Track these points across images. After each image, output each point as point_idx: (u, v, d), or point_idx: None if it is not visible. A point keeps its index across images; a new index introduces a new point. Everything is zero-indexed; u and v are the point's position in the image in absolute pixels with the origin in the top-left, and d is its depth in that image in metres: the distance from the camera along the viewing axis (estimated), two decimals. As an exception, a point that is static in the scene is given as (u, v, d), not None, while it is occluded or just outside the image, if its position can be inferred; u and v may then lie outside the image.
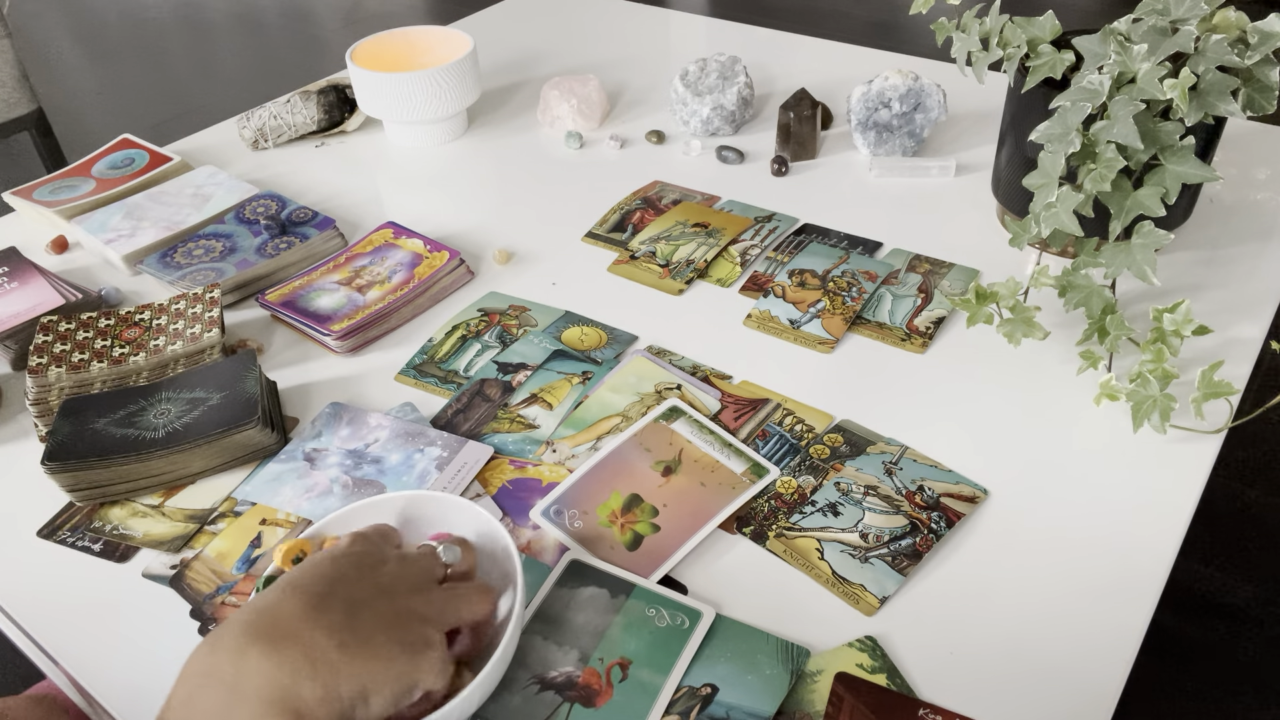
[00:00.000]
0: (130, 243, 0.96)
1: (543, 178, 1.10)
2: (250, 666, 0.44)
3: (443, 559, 0.54)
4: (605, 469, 0.71)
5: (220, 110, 2.99)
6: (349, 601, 0.48)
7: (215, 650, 0.45)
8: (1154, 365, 0.69)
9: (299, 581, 0.49)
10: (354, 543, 0.53)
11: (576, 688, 0.57)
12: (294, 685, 0.44)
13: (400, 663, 0.47)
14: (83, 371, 0.79)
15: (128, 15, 3.83)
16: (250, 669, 0.44)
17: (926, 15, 3.18)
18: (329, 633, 0.46)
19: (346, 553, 0.51)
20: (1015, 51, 0.81)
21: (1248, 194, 1.00)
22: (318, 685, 0.44)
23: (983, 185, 1.03)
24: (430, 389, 0.80)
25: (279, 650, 0.45)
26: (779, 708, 0.55)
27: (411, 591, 0.51)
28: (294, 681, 0.44)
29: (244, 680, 0.44)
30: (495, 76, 1.33)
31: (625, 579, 0.63)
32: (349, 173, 1.12)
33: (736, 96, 1.12)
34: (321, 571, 0.50)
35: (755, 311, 0.86)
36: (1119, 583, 0.62)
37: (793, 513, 0.67)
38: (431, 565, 0.53)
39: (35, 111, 1.95)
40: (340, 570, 0.50)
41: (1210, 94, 0.71)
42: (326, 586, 0.48)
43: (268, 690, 0.44)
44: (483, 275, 0.94)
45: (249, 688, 0.44)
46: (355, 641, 0.46)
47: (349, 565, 0.50)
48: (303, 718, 0.44)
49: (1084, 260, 0.76)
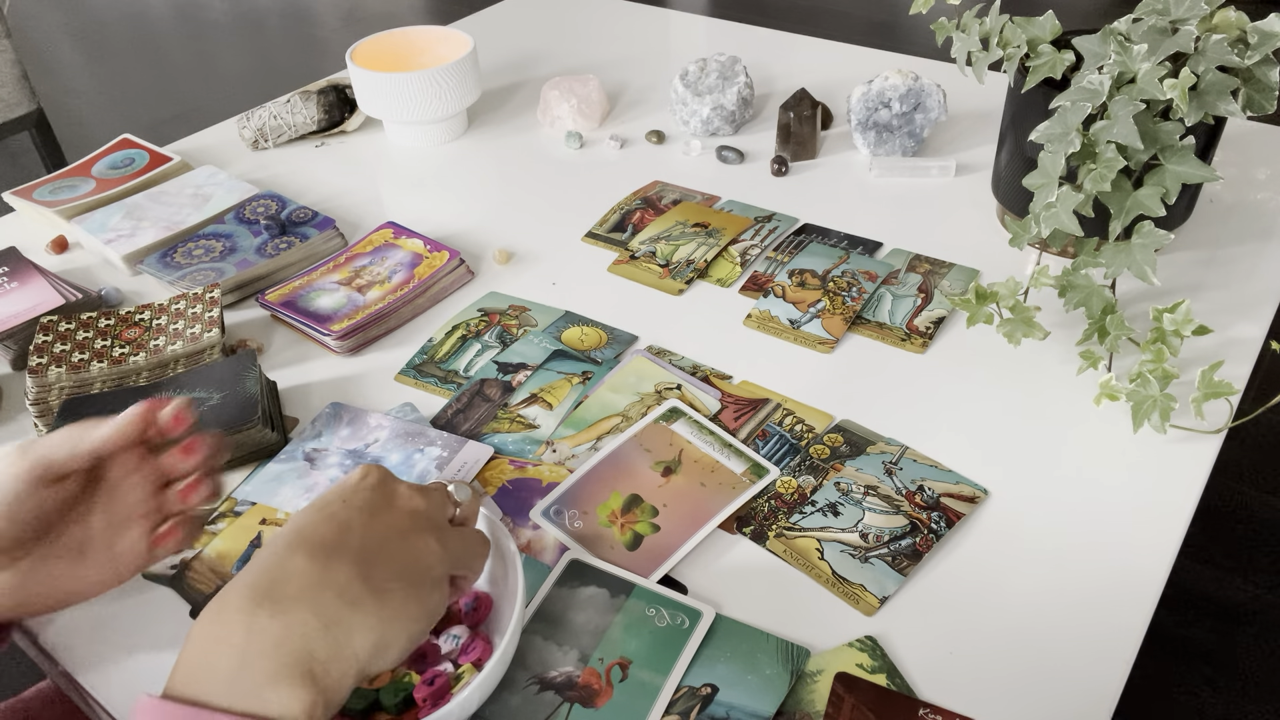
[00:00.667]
0: (130, 243, 0.96)
1: (543, 178, 1.10)
2: (259, 629, 0.43)
3: (455, 497, 0.53)
4: (605, 469, 0.71)
5: (220, 110, 2.99)
6: (360, 552, 0.46)
7: (222, 613, 0.44)
8: (1154, 365, 0.69)
9: (305, 534, 0.46)
10: (364, 477, 0.50)
11: (576, 688, 0.57)
12: (306, 646, 0.43)
13: (413, 609, 0.46)
14: (83, 371, 0.79)
15: (128, 15, 3.83)
16: (259, 631, 0.43)
17: (926, 15, 3.18)
18: (339, 592, 0.44)
19: (356, 490, 0.49)
20: (1015, 51, 0.81)
21: (1248, 194, 1.00)
22: (330, 644, 0.43)
23: (983, 185, 1.03)
24: (430, 389, 0.80)
25: (288, 612, 0.43)
26: (779, 708, 0.55)
27: (425, 529, 0.49)
28: (305, 643, 0.43)
29: (254, 643, 0.42)
30: (495, 76, 1.33)
31: (625, 579, 0.63)
32: (349, 173, 1.13)
33: (736, 96, 1.12)
34: (330, 519, 0.47)
35: (755, 311, 0.86)
36: (1119, 583, 0.62)
37: (793, 513, 0.67)
38: (444, 502, 0.52)
39: (35, 111, 1.95)
40: (349, 517, 0.48)
41: (1210, 94, 0.71)
42: (336, 537, 0.46)
43: (279, 653, 0.42)
44: (483, 275, 0.94)
45: (259, 651, 0.42)
46: (368, 596, 0.45)
47: (357, 511, 0.48)
48: (317, 679, 0.42)
49: (1084, 260, 0.76)
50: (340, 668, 0.43)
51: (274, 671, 0.42)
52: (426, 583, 0.48)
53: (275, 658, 0.42)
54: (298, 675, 0.42)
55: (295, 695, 0.42)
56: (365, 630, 0.44)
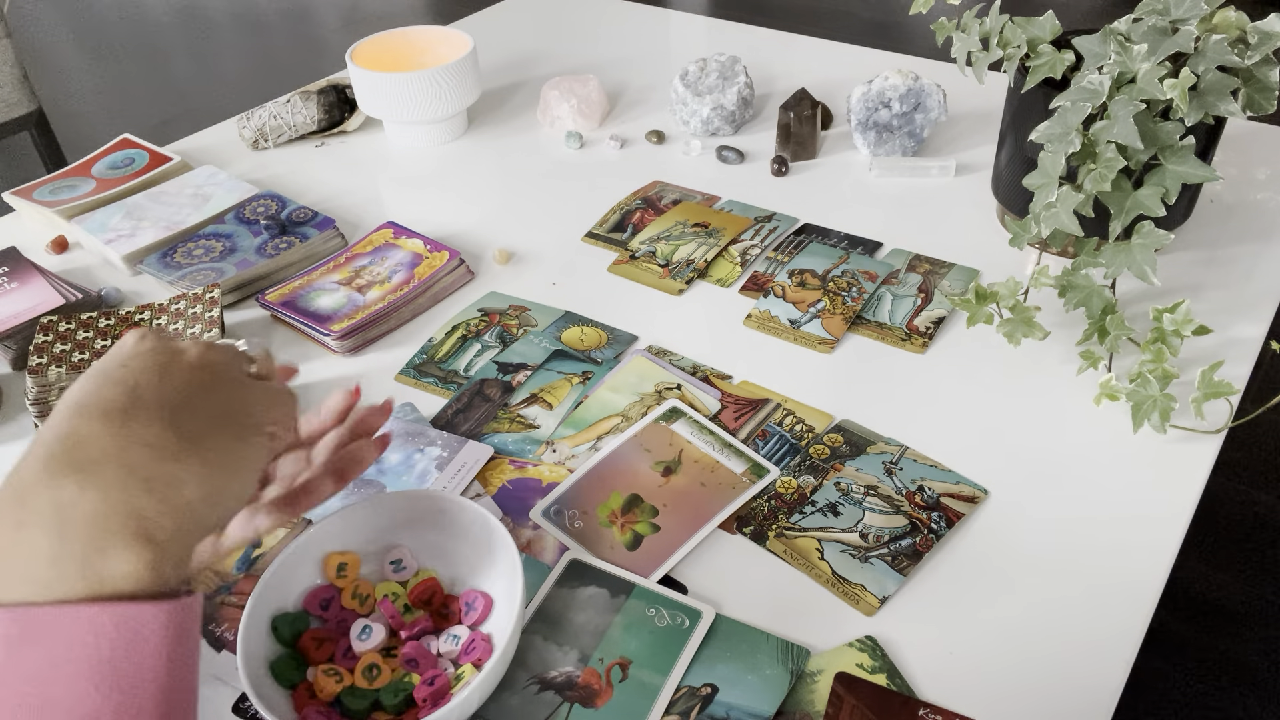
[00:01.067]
0: (130, 243, 0.96)
1: (543, 177, 1.10)
2: (69, 501, 0.37)
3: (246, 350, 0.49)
4: (605, 469, 0.71)
5: (220, 110, 2.99)
6: (160, 408, 0.41)
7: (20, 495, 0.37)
8: (1154, 365, 0.69)
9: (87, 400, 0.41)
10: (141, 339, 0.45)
11: (576, 688, 0.57)
12: (129, 506, 0.38)
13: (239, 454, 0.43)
14: (83, 371, 0.79)
15: (128, 15, 3.82)
16: (70, 504, 0.37)
17: (926, 15, 3.18)
18: (149, 447, 0.40)
19: (135, 353, 0.44)
20: (1015, 51, 0.81)
21: (1248, 194, 1.00)
22: (158, 500, 0.38)
23: (983, 185, 1.03)
24: (430, 389, 0.80)
25: (99, 473, 0.38)
26: (779, 708, 0.55)
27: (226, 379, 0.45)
28: (128, 503, 0.38)
29: (69, 518, 0.37)
30: (495, 76, 1.33)
31: (625, 579, 0.63)
32: (349, 173, 1.12)
33: (736, 96, 1.12)
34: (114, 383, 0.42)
35: (755, 311, 0.86)
36: (1119, 583, 0.62)
37: (793, 513, 0.67)
38: (238, 355, 0.47)
39: (35, 111, 1.95)
40: (135, 380, 0.42)
41: (1210, 94, 0.71)
42: (126, 398, 0.41)
43: (101, 520, 0.37)
44: (483, 275, 0.94)
45: (77, 525, 0.37)
46: (186, 447, 0.40)
47: (142, 368, 0.43)
48: (152, 535, 0.38)
49: (1084, 260, 0.76)
50: (175, 520, 0.39)
51: (99, 540, 0.37)
52: (246, 428, 0.44)
53: (97, 525, 0.37)
54: (129, 535, 0.37)
55: (133, 555, 0.37)
56: (194, 481, 0.40)
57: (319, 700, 0.55)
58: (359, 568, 0.61)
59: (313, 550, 0.59)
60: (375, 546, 0.61)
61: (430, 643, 0.58)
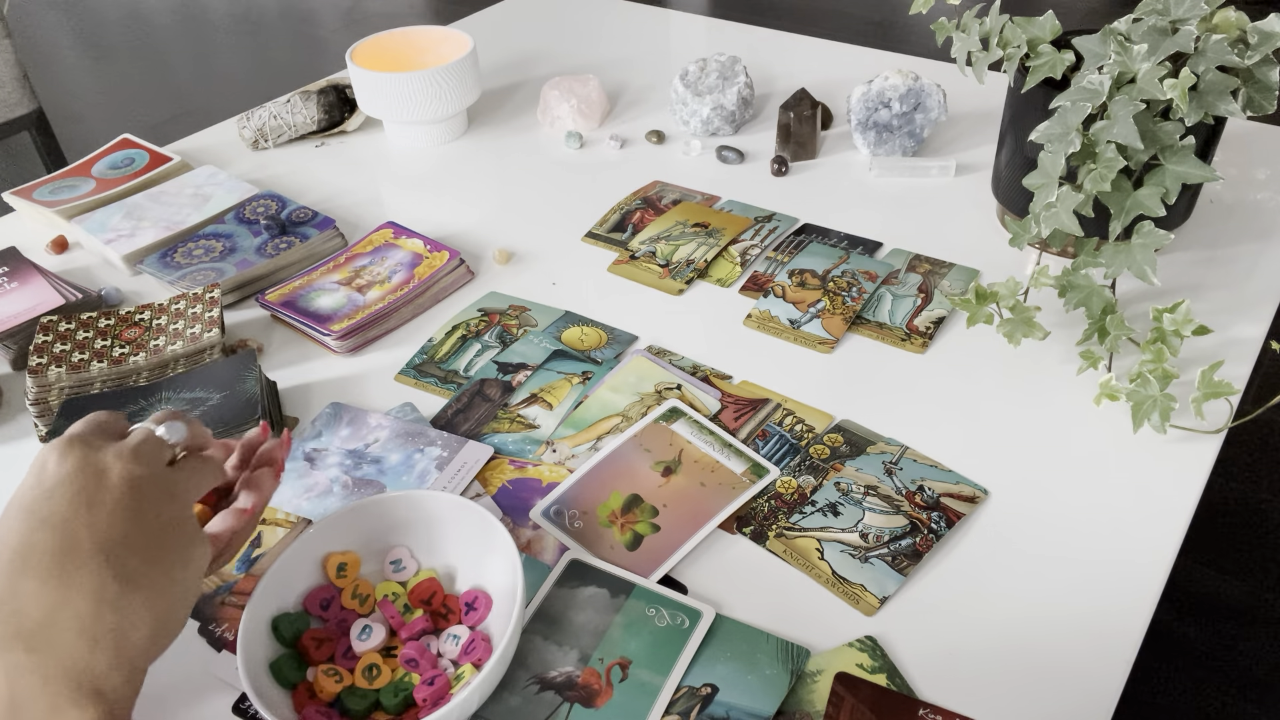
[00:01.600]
0: (130, 243, 0.96)
1: (543, 178, 1.10)
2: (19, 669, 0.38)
3: (167, 440, 0.48)
4: (605, 469, 0.71)
5: (220, 110, 2.99)
6: (95, 549, 0.41)
7: None
8: (1154, 365, 0.69)
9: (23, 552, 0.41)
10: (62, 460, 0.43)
11: (576, 688, 0.57)
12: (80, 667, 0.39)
13: (179, 577, 0.43)
14: (83, 371, 0.79)
15: (128, 15, 3.82)
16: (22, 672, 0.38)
17: (926, 15, 3.18)
18: (94, 599, 0.40)
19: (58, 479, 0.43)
20: (1015, 51, 0.81)
21: (1248, 194, 1.00)
22: (108, 654, 0.40)
23: (983, 185, 1.03)
24: (430, 389, 0.80)
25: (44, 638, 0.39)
26: (779, 708, 0.55)
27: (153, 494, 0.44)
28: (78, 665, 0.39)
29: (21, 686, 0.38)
30: (495, 76, 1.33)
31: (625, 579, 0.63)
32: (349, 173, 1.13)
33: (736, 96, 1.12)
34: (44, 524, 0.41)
35: (755, 311, 0.86)
36: (1119, 582, 0.62)
37: (793, 513, 0.67)
38: (158, 448, 0.47)
39: (35, 111, 1.95)
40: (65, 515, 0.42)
41: (1210, 94, 0.71)
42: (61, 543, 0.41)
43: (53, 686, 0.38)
44: (483, 275, 0.94)
45: (29, 692, 0.38)
46: (128, 591, 0.41)
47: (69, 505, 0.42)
48: (105, 694, 0.39)
49: (1084, 260, 0.76)
50: (125, 671, 0.40)
51: (52, 701, 0.38)
52: (182, 544, 0.44)
53: (50, 691, 0.38)
54: (82, 695, 0.39)
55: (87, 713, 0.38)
56: (140, 625, 0.41)
57: (319, 700, 0.55)
58: (359, 568, 0.61)
59: (313, 550, 0.59)
60: (375, 546, 0.61)
61: (430, 643, 0.58)
